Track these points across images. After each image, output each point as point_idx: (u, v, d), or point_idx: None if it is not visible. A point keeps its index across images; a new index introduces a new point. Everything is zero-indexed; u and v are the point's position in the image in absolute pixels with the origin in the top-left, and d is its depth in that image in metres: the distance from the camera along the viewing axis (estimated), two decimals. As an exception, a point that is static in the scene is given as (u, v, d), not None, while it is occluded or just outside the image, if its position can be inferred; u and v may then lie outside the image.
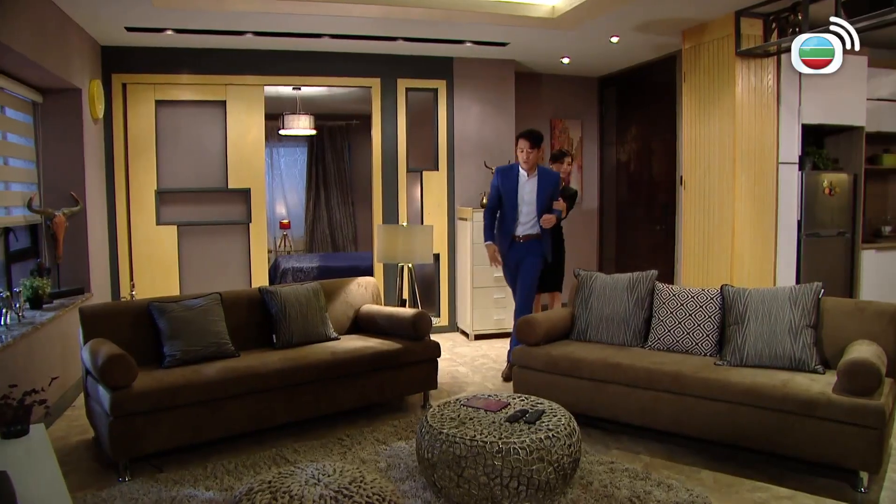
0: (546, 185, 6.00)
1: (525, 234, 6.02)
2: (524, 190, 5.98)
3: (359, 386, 5.01)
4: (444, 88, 8.10)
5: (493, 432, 3.52)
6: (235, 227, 7.63)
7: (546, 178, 6.04)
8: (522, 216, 6.00)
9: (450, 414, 3.82)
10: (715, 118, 6.47)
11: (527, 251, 6.05)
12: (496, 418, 3.73)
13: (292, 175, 13.00)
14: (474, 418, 3.74)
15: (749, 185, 6.30)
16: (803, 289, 4.44)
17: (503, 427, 3.60)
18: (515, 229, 6.02)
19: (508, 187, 6.00)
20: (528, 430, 3.56)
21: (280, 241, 12.66)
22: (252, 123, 7.55)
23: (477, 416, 3.78)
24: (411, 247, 5.83)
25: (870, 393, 3.75)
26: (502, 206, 6.06)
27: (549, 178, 6.07)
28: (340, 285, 5.85)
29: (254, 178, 7.61)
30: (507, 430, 3.54)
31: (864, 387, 3.74)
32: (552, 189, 6.04)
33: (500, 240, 6.12)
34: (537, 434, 3.49)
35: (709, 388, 4.20)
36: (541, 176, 6.02)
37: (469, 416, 3.78)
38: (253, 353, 4.93)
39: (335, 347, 5.10)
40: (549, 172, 6.10)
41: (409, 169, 8.12)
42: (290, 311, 5.22)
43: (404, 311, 5.44)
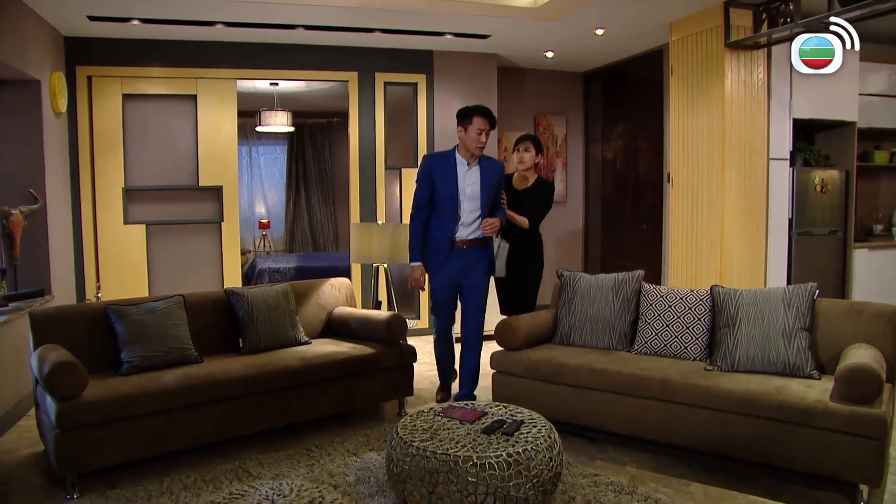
0: (490, 177, 5.01)
1: (469, 239, 5.03)
2: (465, 182, 4.96)
3: (329, 393, 4.74)
4: (423, 83, 7.86)
5: (467, 445, 3.26)
6: (207, 227, 7.34)
7: (490, 168, 5.03)
8: (465, 214, 4.98)
9: (422, 424, 3.56)
10: (703, 112, 6.25)
11: (474, 260, 5.08)
12: (471, 429, 3.48)
13: (272, 174, 12.73)
14: (448, 429, 3.48)
15: (739, 181, 6.09)
16: (797, 289, 4.20)
17: (479, 439, 3.34)
18: (456, 232, 5.02)
19: (445, 178, 4.95)
20: (505, 442, 3.30)
21: (259, 241, 12.39)
22: (224, 118, 7.27)
23: (451, 426, 3.52)
24: (388, 246, 5.56)
25: (869, 401, 3.51)
26: (435, 204, 5.03)
27: (493, 168, 5.05)
28: (312, 287, 5.58)
29: (226, 176, 7.32)
30: (482, 443, 3.29)
31: (863, 394, 3.51)
32: (497, 182, 5.06)
33: (431, 250, 5.09)
34: (515, 447, 3.24)
35: (698, 396, 3.95)
36: (484, 165, 5.01)
37: (443, 426, 3.52)
38: (217, 359, 4.65)
39: (305, 352, 4.83)
40: (492, 162, 5.11)
41: (388, 166, 7.87)
42: (258, 314, 4.94)
43: (378, 314, 5.18)
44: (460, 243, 5.01)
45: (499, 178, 5.08)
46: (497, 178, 5.06)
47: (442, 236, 5.00)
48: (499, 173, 5.08)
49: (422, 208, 5.04)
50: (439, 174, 4.96)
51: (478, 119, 4.89)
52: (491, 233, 5.01)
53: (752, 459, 3.83)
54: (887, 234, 7.41)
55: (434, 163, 5.03)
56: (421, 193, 5.05)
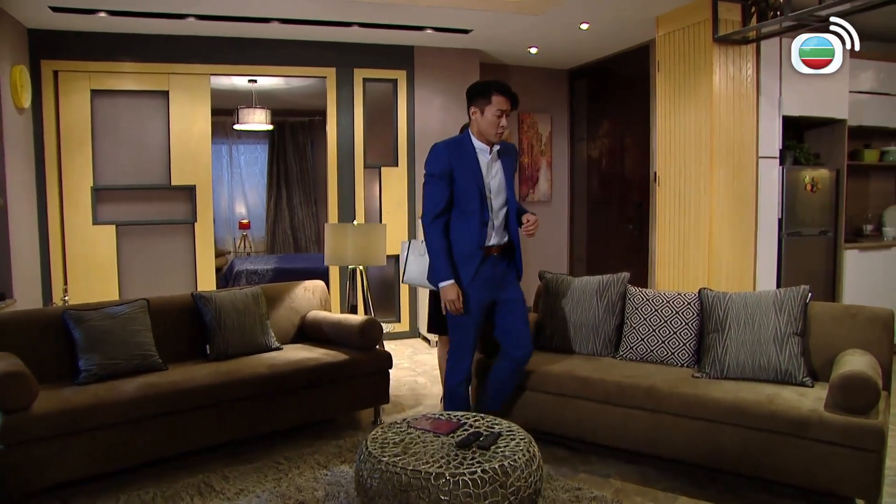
0: (510, 164, 4.03)
1: (500, 244, 4.00)
2: (490, 173, 3.91)
3: (300, 402, 4.52)
4: (404, 79, 7.63)
5: (440, 460, 3.04)
6: (179, 227, 7.09)
7: (506, 151, 3.99)
8: (496, 215, 3.93)
9: (393, 437, 3.34)
10: (691, 109, 6.06)
11: (507, 269, 4.06)
12: (446, 442, 3.26)
13: (252, 173, 12.53)
14: (421, 442, 3.26)
15: (727, 180, 5.90)
16: (789, 293, 4.00)
17: (453, 453, 3.12)
18: (487, 237, 3.93)
19: (467, 171, 3.84)
20: (481, 456, 3.08)
21: (240, 242, 12.16)
22: (197, 115, 7.02)
23: (424, 439, 3.30)
24: (363, 248, 5.32)
25: (866, 410, 3.33)
26: (456, 204, 3.89)
27: (509, 151, 4.03)
28: (284, 290, 5.35)
29: (200, 175, 7.08)
30: (456, 458, 3.06)
31: (859, 403, 3.32)
32: (515, 169, 4.13)
33: (458, 261, 3.92)
34: (491, 462, 3.02)
35: (686, 405, 3.75)
36: (504, 152, 3.98)
37: (415, 439, 3.30)
38: (182, 367, 4.42)
39: (275, 359, 4.60)
40: (507, 145, 4.02)
41: (367, 165, 7.64)
42: (226, 318, 4.71)
43: (352, 319, 4.95)
44: (492, 250, 3.95)
45: (515, 164, 4.12)
46: (515, 164, 4.11)
47: (469, 246, 3.90)
48: (514, 155, 4.10)
49: (442, 213, 3.88)
50: (458, 166, 3.83)
51: (497, 98, 3.80)
52: (534, 233, 4.05)
53: (742, 472, 3.64)
54: (877, 235, 7.25)
55: (450, 152, 3.86)
56: (439, 194, 3.86)
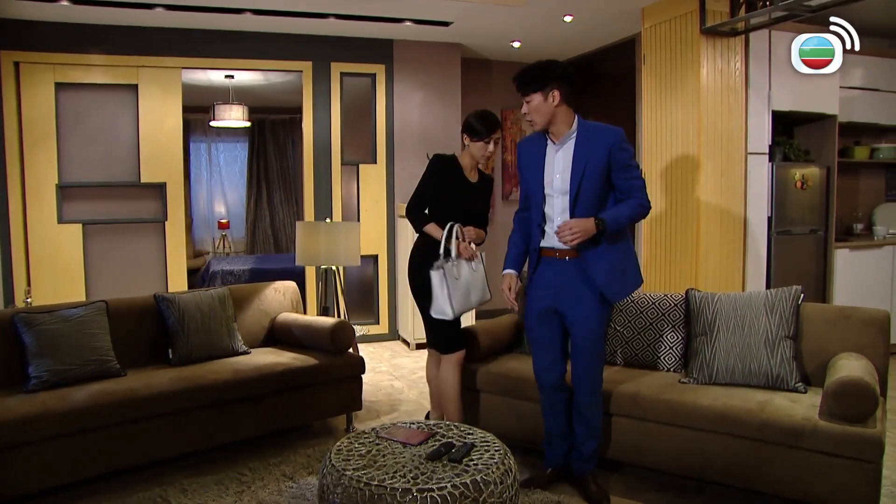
0: (588, 151, 3.40)
1: (565, 248, 3.51)
2: (553, 165, 3.52)
3: (267, 409, 4.28)
4: (382, 73, 7.40)
5: (407, 474, 2.81)
6: (149, 226, 6.83)
7: (596, 136, 3.42)
8: (555, 212, 3.52)
9: (360, 448, 3.11)
10: (678, 104, 5.85)
11: (574, 282, 3.53)
12: (416, 454, 3.03)
13: (232, 172, 12.26)
14: (389, 454, 3.03)
15: (715, 177, 5.70)
16: (780, 294, 3.79)
17: (422, 466, 2.89)
18: (541, 237, 3.61)
19: (532, 163, 3.59)
20: (452, 470, 2.85)
21: (219, 242, 11.88)
22: (168, 111, 6.77)
23: (392, 450, 3.07)
24: (336, 247, 5.09)
25: (863, 419, 3.12)
26: (528, 199, 3.69)
27: (600, 136, 3.42)
28: (254, 291, 5.11)
29: (171, 172, 6.82)
30: (425, 471, 2.84)
31: (856, 411, 3.11)
32: (604, 156, 3.38)
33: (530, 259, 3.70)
34: (463, 476, 2.79)
35: (673, 413, 3.54)
36: (583, 136, 3.44)
37: (383, 450, 3.07)
38: (142, 372, 4.16)
39: (240, 364, 4.35)
40: (600, 128, 3.47)
41: (345, 162, 7.41)
42: (190, 321, 4.47)
43: (322, 321, 4.71)
44: (552, 253, 3.57)
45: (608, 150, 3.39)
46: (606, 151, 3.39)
47: (534, 240, 3.65)
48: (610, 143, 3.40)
49: (523, 208, 3.78)
50: (525, 158, 3.64)
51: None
52: (570, 241, 3.39)
53: (732, 484, 3.44)
54: (867, 234, 7.07)
55: (523, 147, 3.68)
56: (521, 189, 3.82)
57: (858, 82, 6.63)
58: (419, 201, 4.20)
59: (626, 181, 3.43)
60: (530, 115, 3.46)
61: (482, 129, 4.09)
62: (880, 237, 6.88)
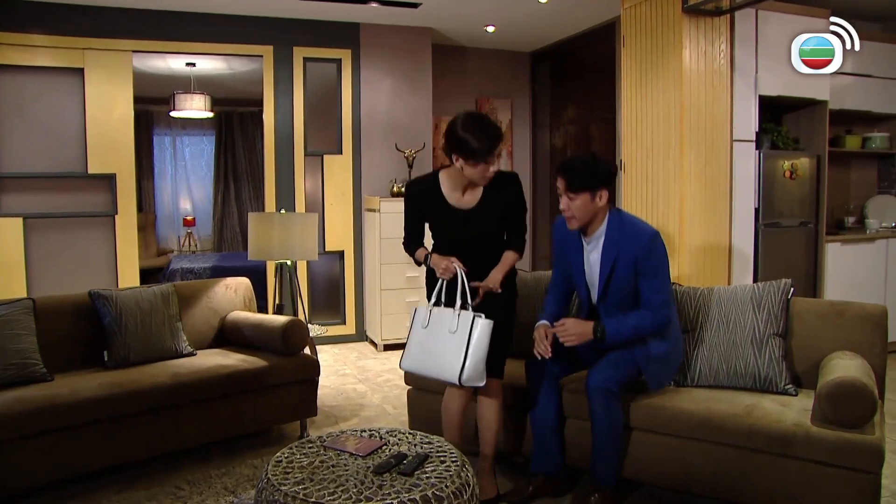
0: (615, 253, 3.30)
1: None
2: (587, 257, 3.43)
3: (210, 416, 3.99)
4: (348, 59, 7.12)
5: (351, 489, 2.53)
6: (98, 220, 6.48)
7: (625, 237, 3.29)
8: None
9: (301, 460, 2.83)
10: (659, 88, 5.61)
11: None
12: (363, 466, 2.75)
13: (198, 166, 11.96)
14: (333, 466, 2.75)
15: (699, 165, 5.46)
16: (768, 288, 3.55)
17: (367, 480, 2.61)
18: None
19: (570, 249, 3.49)
20: (401, 484, 2.58)
21: (184, 240, 11.55)
22: (118, 96, 6.44)
23: (338, 462, 2.79)
24: (291, 240, 4.79)
25: (860, 424, 2.88)
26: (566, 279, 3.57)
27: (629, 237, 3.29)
28: (202, 288, 4.81)
29: (121, 162, 6.48)
30: (370, 485, 2.56)
31: (852, 416, 2.88)
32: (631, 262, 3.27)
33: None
34: (412, 491, 2.52)
35: (652, 418, 3.30)
36: (612, 234, 3.32)
37: (327, 462, 2.79)
38: (71, 376, 3.86)
39: (182, 367, 4.06)
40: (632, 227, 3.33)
41: (308, 152, 7.10)
42: (128, 320, 4.16)
43: (274, 320, 4.42)
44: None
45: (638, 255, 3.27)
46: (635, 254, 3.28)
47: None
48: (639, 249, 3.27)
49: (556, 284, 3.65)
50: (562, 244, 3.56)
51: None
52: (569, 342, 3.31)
53: (717, 496, 3.20)
54: (859, 227, 6.85)
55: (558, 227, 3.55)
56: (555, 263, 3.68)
57: (850, 68, 6.39)
58: (406, 237, 3.63)
59: (647, 291, 3.28)
60: (571, 213, 3.28)
61: (482, 148, 3.22)
62: (873, 230, 6.68)
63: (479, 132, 3.20)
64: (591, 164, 3.27)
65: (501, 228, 3.50)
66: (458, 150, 3.25)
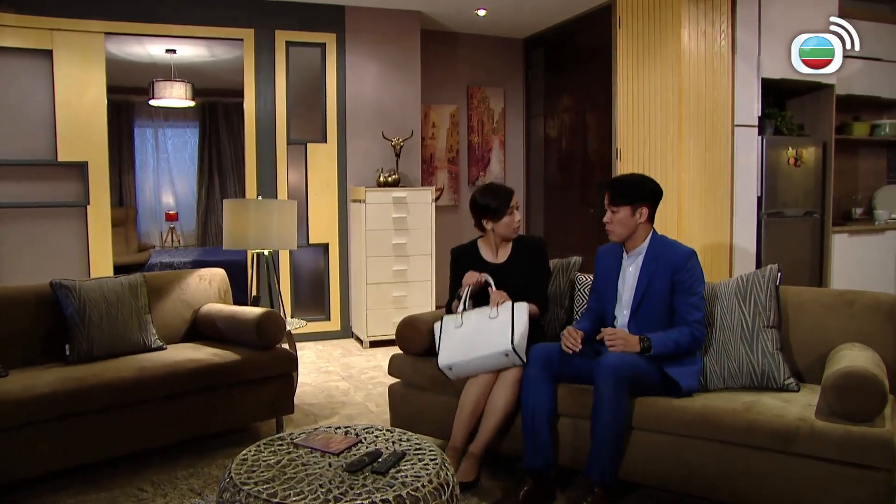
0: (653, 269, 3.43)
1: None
2: (625, 280, 3.55)
3: (178, 413, 3.84)
4: (333, 43, 6.96)
5: (319, 489, 2.39)
6: (69, 211, 6.30)
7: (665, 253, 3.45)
8: (617, 324, 3.55)
9: (268, 459, 2.69)
10: (656, 71, 5.50)
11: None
12: (334, 464, 2.61)
13: (181, 159, 11.83)
14: (302, 465, 2.61)
15: (698, 152, 5.37)
16: (753, 278, 3.42)
17: (338, 479, 2.47)
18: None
19: (609, 272, 3.62)
20: (374, 483, 2.44)
21: (166, 235, 11.42)
22: (90, 81, 6.27)
23: (308, 460, 2.66)
24: (268, 228, 4.65)
25: (870, 417, 2.75)
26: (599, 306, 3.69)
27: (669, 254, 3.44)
28: (174, 279, 4.66)
29: (93, 150, 6.30)
30: (341, 485, 2.42)
31: (861, 408, 2.74)
32: (668, 276, 3.39)
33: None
34: (387, 491, 2.38)
35: (645, 416, 3.16)
36: (652, 252, 3.47)
37: (296, 461, 2.65)
38: (29, 372, 3.71)
39: (149, 361, 3.91)
40: (672, 245, 3.51)
41: (291, 141, 6.95)
42: (92, 312, 4.01)
43: (248, 312, 4.27)
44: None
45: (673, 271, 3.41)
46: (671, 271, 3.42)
47: None
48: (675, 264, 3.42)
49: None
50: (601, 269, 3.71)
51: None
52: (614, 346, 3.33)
53: (717, 498, 3.05)
54: (867, 219, 6.73)
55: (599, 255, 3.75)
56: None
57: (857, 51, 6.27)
58: (450, 294, 4.00)
59: (683, 306, 3.37)
60: (612, 226, 3.50)
61: (499, 205, 3.86)
62: (882, 222, 6.57)
63: (493, 194, 3.88)
64: (634, 181, 3.55)
65: (527, 283, 3.86)
66: (483, 214, 3.88)
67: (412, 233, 6.70)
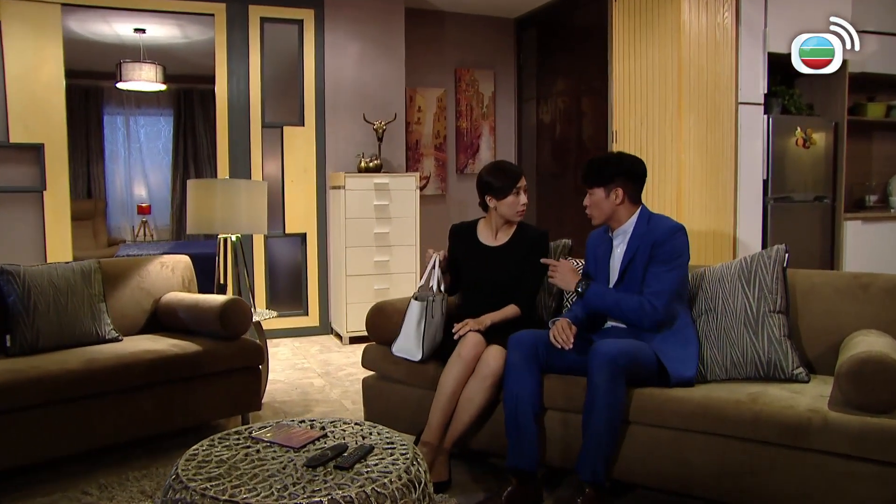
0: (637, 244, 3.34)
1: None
2: (613, 261, 3.49)
3: (132, 409, 3.67)
4: (311, 20, 6.84)
5: (274, 485, 2.23)
6: (23, 197, 6.11)
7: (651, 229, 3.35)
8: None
9: (221, 454, 2.52)
10: (654, 45, 5.40)
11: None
12: (294, 460, 2.44)
13: (154, 149, 11.74)
14: (258, 460, 2.44)
15: (699, 131, 5.29)
16: (758, 258, 3.28)
17: (296, 475, 2.30)
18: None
19: (601, 255, 3.55)
20: (336, 479, 2.27)
21: (139, 229, 11.26)
22: (46, 55, 6.10)
23: (265, 455, 2.49)
24: (235, 211, 4.48)
25: (889, 408, 2.60)
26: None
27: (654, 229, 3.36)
28: (133, 266, 4.49)
29: (51, 132, 6.14)
30: (299, 481, 2.26)
31: (879, 397, 2.60)
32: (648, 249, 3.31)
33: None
34: (349, 488, 2.21)
35: (642, 409, 3.02)
36: (639, 229, 3.38)
37: (251, 456, 2.48)
38: (-36, 364, 3.54)
39: (100, 353, 3.73)
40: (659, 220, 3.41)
41: (266, 124, 6.82)
42: (38, 300, 3.83)
43: (211, 300, 4.11)
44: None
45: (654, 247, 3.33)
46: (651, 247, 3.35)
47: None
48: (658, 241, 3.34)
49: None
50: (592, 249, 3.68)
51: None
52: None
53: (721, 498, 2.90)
54: (883, 207, 6.59)
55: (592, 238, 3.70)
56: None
57: (873, 25, 6.15)
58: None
59: (650, 276, 3.28)
60: (590, 209, 3.46)
61: (504, 184, 3.77)
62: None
63: (500, 172, 3.80)
64: (605, 160, 3.47)
65: (518, 274, 3.77)
66: (487, 191, 3.80)
67: (395, 221, 6.55)
